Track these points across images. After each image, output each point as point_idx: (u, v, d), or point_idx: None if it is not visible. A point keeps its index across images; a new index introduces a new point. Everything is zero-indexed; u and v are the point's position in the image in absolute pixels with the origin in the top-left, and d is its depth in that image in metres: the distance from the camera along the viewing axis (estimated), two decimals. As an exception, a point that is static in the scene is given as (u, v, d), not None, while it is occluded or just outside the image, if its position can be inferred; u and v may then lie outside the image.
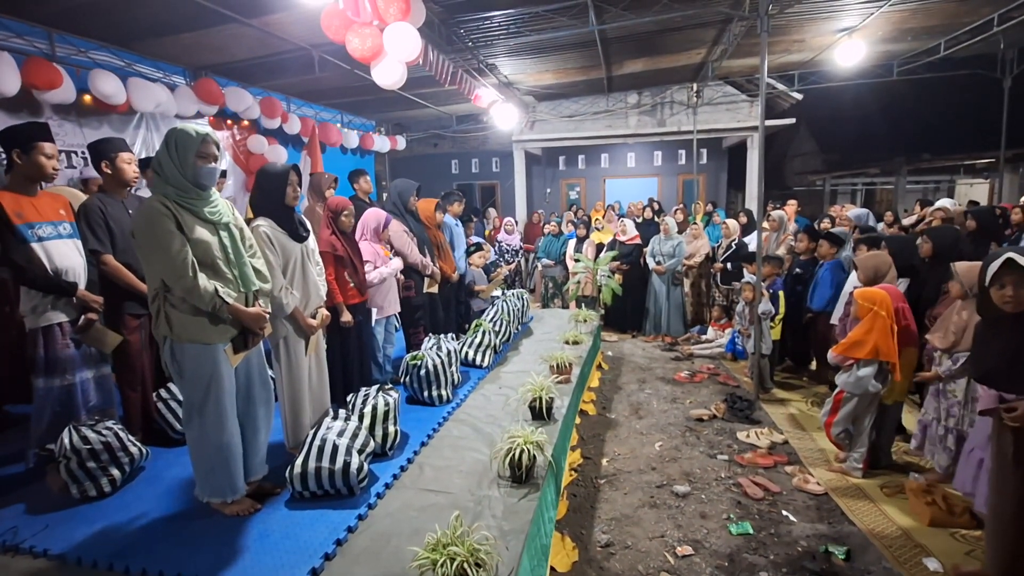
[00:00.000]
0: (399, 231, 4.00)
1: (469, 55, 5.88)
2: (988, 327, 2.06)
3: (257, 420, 2.36)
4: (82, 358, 2.71)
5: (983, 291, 1.99)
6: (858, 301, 3.13)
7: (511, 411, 3.30)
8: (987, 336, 2.05)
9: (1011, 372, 1.91)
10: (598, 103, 9.79)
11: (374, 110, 9.03)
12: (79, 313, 2.66)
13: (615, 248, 6.90)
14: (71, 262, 2.65)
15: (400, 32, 3.56)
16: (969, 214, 4.71)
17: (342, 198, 3.26)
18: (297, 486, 2.34)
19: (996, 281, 1.93)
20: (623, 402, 4.72)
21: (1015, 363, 1.90)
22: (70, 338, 2.65)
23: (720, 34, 6.26)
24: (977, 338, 2.14)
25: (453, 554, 1.72)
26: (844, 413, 3.21)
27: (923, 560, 2.39)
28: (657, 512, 2.95)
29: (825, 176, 16.78)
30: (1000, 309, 1.93)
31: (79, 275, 2.68)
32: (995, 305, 1.95)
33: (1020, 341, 1.89)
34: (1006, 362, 1.93)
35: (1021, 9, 5.46)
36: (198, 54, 5.15)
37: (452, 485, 2.52)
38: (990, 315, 2.02)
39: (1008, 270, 1.89)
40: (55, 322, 2.60)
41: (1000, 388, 1.96)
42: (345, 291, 3.18)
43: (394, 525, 2.21)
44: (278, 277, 2.51)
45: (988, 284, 1.95)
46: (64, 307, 2.63)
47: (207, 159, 2.10)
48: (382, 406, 2.76)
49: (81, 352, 2.70)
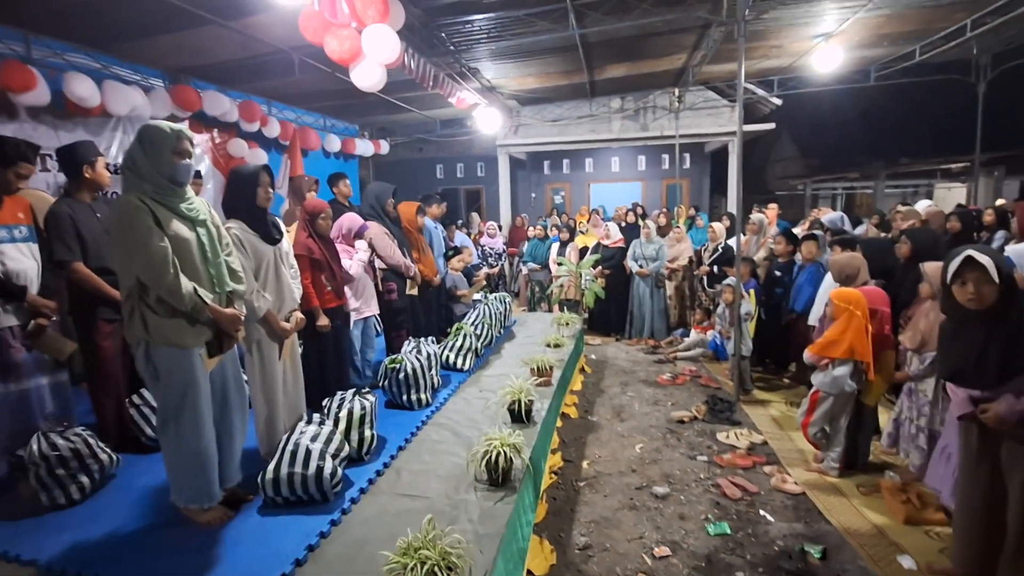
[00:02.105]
0: (380, 233, 3.97)
1: (451, 59, 5.88)
2: (953, 326, 2.08)
3: (232, 426, 2.32)
4: (36, 363, 2.66)
5: (946, 290, 2.02)
6: (834, 301, 3.17)
7: (491, 414, 3.29)
8: (952, 335, 2.07)
9: (978, 370, 1.93)
10: (582, 108, 9.84)
11: (357, 114, 8.98)
12: (28, 318, 2.60)
13: (599, 252, 6.94)
14: (23, 266, 2.61)
15: (378, 34, 3.55)
16: (952, 216, 4.79)
17: (319, 200, 3.23)
18: (269, 492, 2.30)
19: (957, 279, 1.95)
20: (605, 405, 4.72)
21: (981, 361, 1.92)
22: (21, 343, 2.59)
23: (700, 39, 6.33)
24: (942, 337, 2.16)
25: (424, 557, 1.70)
26: (820, 413, 3.24)
27: (897, 558, 2.41)
28: (636, 514, 2.95)
29: (806, 181, 17.04)
30: (964, 307, 1.96)
31: (31, 279, 2.64)
32: (959, 304, 1.97)
33: (985, 338, 1.91)
34: (973, 360, 1.95)
35: (993, 15, 5.59)
36: (176, 56, 5.09)
37: (429, 489, 2.50)
38: (955, 314, 2.04)
39: (969, 267, 1.91)
40: (5, 325, 2.55)
41: (968, 386, 1.99)
42: (322, 295, 3.15)
43: (369, 531, 2.18)
44: (250, 280, 2.47)
45: (950, 282, 1.98)
46: (15, 311, 2.57)
47: (183, 156, 2.07)
48: (358, 410, 2.73)
49: (34, 357, 2.65)
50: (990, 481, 2.03)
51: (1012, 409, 1.85)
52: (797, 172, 17.32)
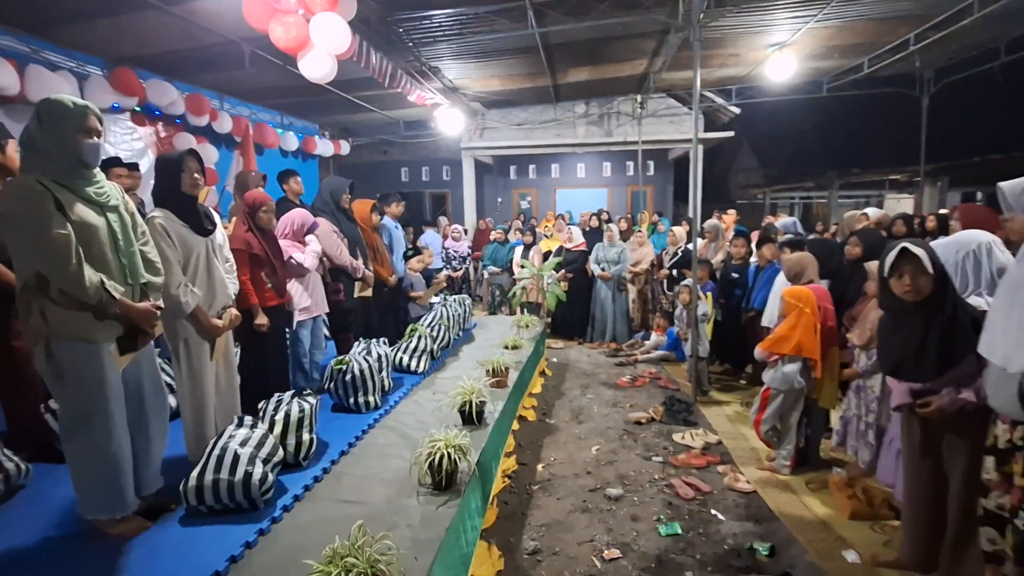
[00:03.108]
0: (328, 231, 3.82)
1: (410, 56, 5.78)
2: (892, 320, 2.10)
3: (149, 429, 2.14)
4: None
5: (883, 283, 2.03)
6: (785, 298, 3.19)
7: (442, 416, 3.18)
8: (891, 329, 2.09)
9: (916, 363, 1.94)
10: (546, 112, 9.87)
11: (318, 113, 8.77)
12: None
13: (561, 255, 6.92)
14: None
15: (327, 23, 3.43)
16: (896, 220, 5.01)
17: (260, 192, 3.07)
18: (192, 501, 2.13)
19: (894, 272, 1.96)
20: (564, 408, 4.66)
21: (920, 353, 1.93)
22: None
23: (660, 45, 6.41)
24: (882, 332, 2.18)
25: (349, 565, 1.58)
26: (771, 410, 3.25)
27: (842, 552, 2.41)
28: (589, 516, 2.88)
29: (765, 190, 17.54)
30: (902, 301, 1.97)
31: None
32: (896, 297, 1.98)
33: (923, 331, 1.92)
34: (911, 353, 1.96)
35: (935, 29, 5.84)
36: (117, 43, 4.82)
37: (370, 495, 2.37)
38: (893, 308, 2.05)
39: (904, 260, 1.92)
40: None
41: (908, 379, 2.00)
42: (261, 292, 2.99)
43: (301, 539, 2.04)
44: (176, 273, 2.31)
45: (887, 275, 1.99)
46: None
47: (89, 134, 1.90)
48: (296, 412, 2.58)
49: None
50: (932, 473, 2.04)
51: (954, 401, 1.87)
52: (757, 182, 17.82)
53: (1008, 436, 1.60)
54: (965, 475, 1.90)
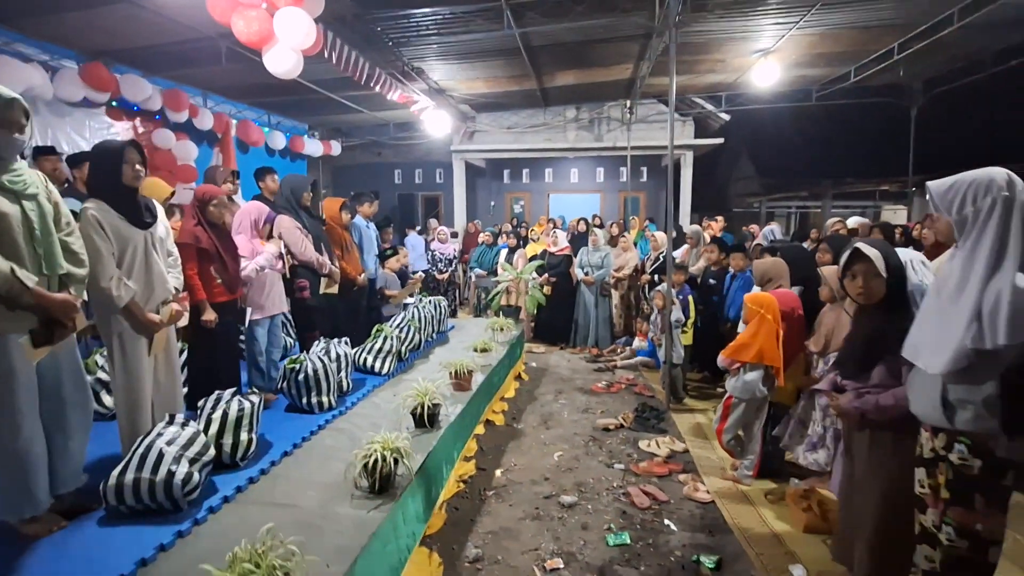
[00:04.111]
0: (291, 227, 3.77)
1: (392, 55, 5.74)
2: (852, 320, 2.06)
3: (68, 425, 2.08)
4: None
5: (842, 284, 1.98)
6: (747, 304, 3.12)
7: (396, 419, 3.11)
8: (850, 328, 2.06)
9: (854, 362, 1.91)
10: (537, 116, 9.85)
11: (305, 112, 8.73)
12: None
13: (544, 259, 6.86)
14: None
15: (291, 17, 3.39)
16: (875, 228, 4.98)
17: (211, 186, 3.03)
18: (112, 500, 2.06)
19: (847, 273, 1.91)
20: (535, 413, 4.59)
21: (856, 352, 1.91)
22: None
23: (644, 49, 6.37)
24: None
25: (246, 571, 1.51)
26: (734, 419, 3.18)
27: (789, 567, 2.33)
28: (539, 524, 2.80)
29: (762, 199, 17.49)
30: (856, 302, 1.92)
31: None
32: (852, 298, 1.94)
33: (867, 331, 1.88)
34: (853, 353, 1.93)
35: (919, 39, 5.79)
36: (90, 37, 4.78)
37: (303, 498, 2.30)
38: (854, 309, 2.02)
39: (857, 260, 1.88)
40: None
41: (847, 377, 1.95)
42: (210, 288, 2.93)
43: (221, 543, 1.95)
44: (108, 266, 2.25)
45: (841, 276, 1.94)
46: None
47: (11, 128, 1.85)
48: (234, 411, 2.51)
49: None
50: (850, 474, 2.02)
51: (851, 404, 1.88)
52: (755, 190, 17.79)
53: (931, 445, 1.53)
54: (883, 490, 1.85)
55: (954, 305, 1.42)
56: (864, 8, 5.07)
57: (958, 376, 1.41)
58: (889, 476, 1.82)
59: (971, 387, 1.40)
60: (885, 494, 1.82)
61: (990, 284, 1.35)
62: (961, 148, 8.34)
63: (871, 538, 1.86)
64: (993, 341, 1.32)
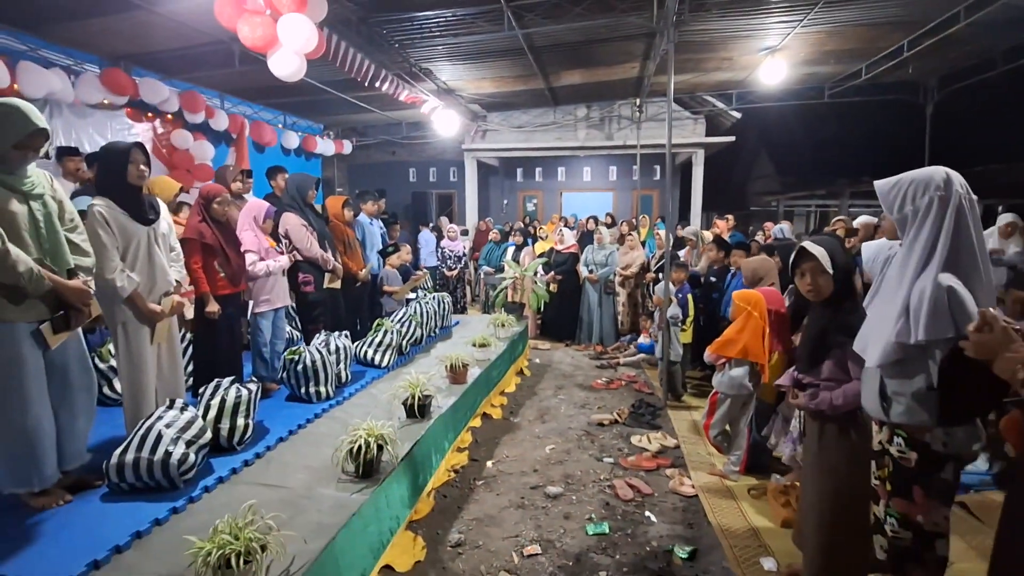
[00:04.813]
0: (297, 224, 3.91)
1: (399, 57, 5.87)
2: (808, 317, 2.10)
3: (74, 406, 2.23)
4: None
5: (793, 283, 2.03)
6: (735, 301, 3.16)
7: (390, 409, 3.22)
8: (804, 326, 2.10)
9: (806, 357, 1.96)
10: (547, 115, 9.91)
11: (320, 113, 8.94)
12: None
13: (551, 256, 6.93)
14: None
15: (294, 23, 3.52)
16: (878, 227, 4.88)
17: (215, 185, 3.18)
18: (113, 477, 2.21)
19: (796, 271, 1.95)
20: (532, 407, 4.67)
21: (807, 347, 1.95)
22: None
23: (649, 48, 6.39)
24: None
25: (224, 542, 1.63)
26: (720, 415, 3.22)
27: (760, 560, 2.37)
28: (522, 512, 2.89)
29: (779, 197, 17.26)
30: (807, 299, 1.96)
31: None
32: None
33: (818, 328, 1.92)
34: (804, 348, 1.97)
35: (928, 35, 5.70)
36: (111, 42, 5.01)
37: (292, 480, 2.43)
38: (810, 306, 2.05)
39: (804, 259, 1.91)
40: None
41: (801, 372, 2.00)
42: (213, 281, 3.08)
43: (211, 519, 2.05)
44: (113, 259, 2.41)
45: (791, 274, 1.98)
46: None
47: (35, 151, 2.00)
48: (232, 398, 2.65)
49: None
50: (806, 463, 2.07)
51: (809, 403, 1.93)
52: (774, 189, 17.57)
53: (878, 438, 1.57)
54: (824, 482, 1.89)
55: (891, 301, 1.46)
56: (869, 5, 5.02)
57: (893, 369, 1.46)
58: (832, 469, 1.86)
59: (903, 380, 1.44)
60: (825, 487, 1.87)
61: (917, 281, 1.39)
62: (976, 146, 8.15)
63: (816, 530, 1.90)
64: (915, 336, 1.37)
